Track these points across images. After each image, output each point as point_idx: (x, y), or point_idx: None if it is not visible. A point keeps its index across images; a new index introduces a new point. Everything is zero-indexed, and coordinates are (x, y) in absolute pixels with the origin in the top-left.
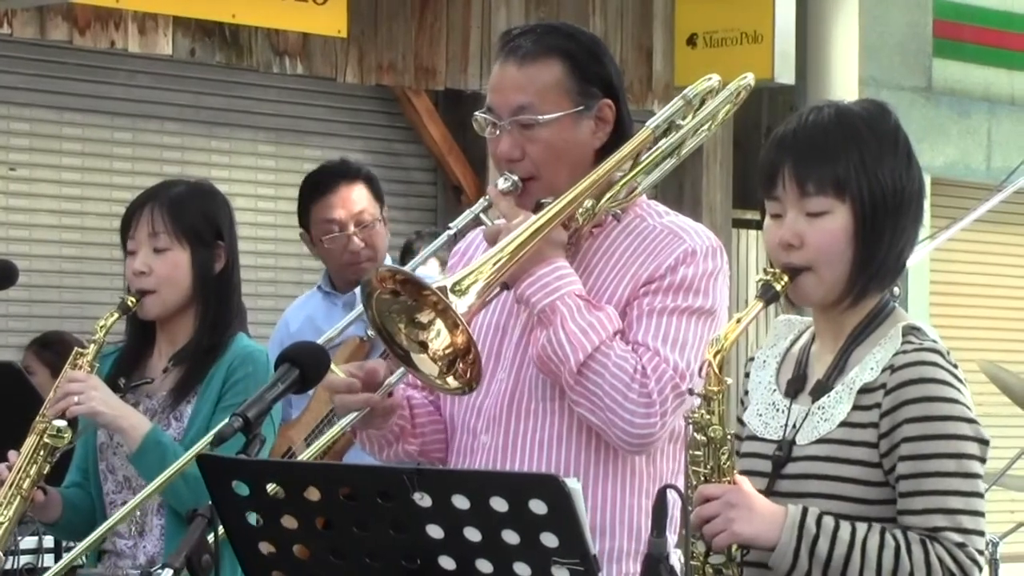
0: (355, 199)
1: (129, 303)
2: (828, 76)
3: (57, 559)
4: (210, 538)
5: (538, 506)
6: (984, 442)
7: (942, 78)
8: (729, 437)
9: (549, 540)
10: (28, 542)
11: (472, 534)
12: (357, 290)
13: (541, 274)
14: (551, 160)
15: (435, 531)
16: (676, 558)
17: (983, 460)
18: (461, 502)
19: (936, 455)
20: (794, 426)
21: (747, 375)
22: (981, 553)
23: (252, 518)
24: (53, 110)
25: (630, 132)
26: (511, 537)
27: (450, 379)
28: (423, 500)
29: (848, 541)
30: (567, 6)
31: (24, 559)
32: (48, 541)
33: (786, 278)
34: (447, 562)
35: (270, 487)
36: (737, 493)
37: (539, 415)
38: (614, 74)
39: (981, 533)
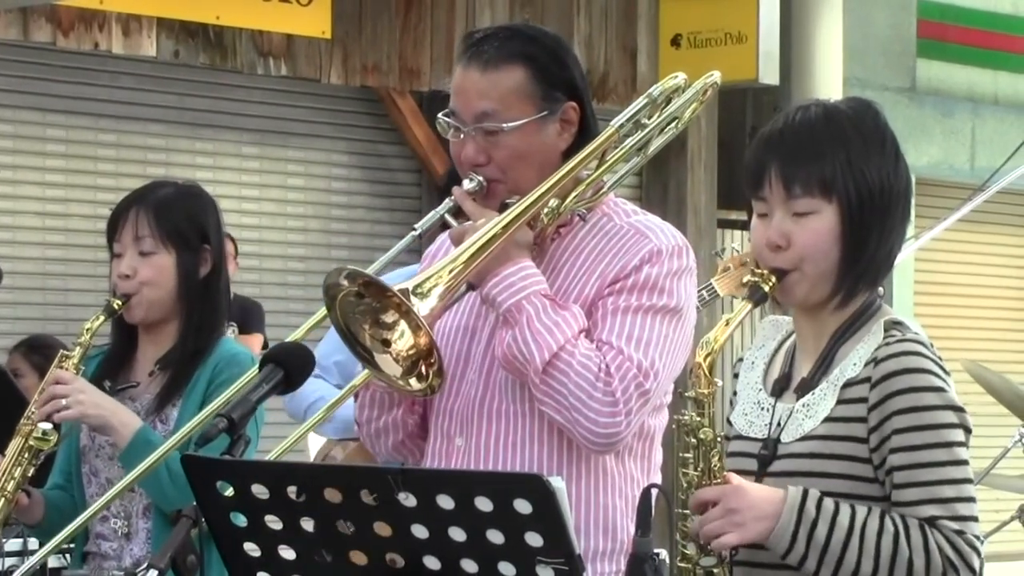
0: None
1: (115, 306)
2: (812, 76)
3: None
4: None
5: (523, 505)
6: (968, 430)
7: (926, 78)
8: (719, 439)
9: (534, 539)
10: (13, 544)
11: (457, 534)
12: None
13: (507, 274)
14: (516, 164)
15: (420, 531)
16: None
17: (967, 448)
18: (446, 502)
19: (926, 445)
20: (779, 424)
21: (736, 376)
22: (979, 539)
23: (237, 519)
24: (36, 112)
25: (596, 132)
26: (496, 537)
27: (412, 380)
28: (408, 500)
29: (847, 526)
30: (551, 7)
31: (9, 561)
32: (33, 543)
33: (774, 279)
34: (432, 562)
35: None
36: (735, 495)
37: (510, 417)
38: (578, 76)
39: (975, 519)
